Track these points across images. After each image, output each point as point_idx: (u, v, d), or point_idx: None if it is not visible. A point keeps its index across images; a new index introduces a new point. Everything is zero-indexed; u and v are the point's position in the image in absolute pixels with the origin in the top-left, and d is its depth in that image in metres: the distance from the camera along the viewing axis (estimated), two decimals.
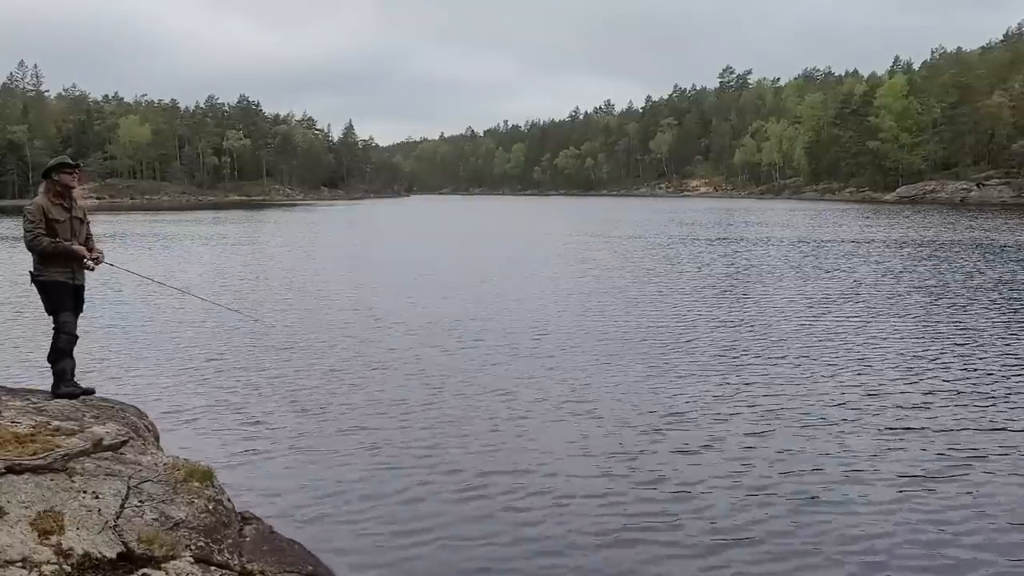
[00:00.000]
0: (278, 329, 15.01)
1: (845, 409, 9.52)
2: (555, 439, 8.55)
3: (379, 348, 13.24)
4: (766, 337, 13.86)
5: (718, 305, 17.68)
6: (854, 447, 8.18)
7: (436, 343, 13.55)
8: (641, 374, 11.27)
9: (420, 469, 7.69)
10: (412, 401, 10.00)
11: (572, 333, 14.40)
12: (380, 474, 7.58)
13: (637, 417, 9.23)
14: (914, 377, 10.95)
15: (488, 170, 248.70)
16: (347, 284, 22.28)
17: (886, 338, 13.70)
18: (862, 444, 8.25)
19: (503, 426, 8.99)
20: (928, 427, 8.79)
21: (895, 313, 16.34)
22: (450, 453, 8.14)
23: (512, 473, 7.55)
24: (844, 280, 21.75)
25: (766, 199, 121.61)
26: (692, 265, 26.36)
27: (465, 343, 13.60)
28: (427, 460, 7.94)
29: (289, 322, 15.90)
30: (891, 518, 6.51)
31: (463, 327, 15.02)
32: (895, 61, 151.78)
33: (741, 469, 7.62)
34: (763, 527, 6.39)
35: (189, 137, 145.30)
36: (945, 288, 19.95)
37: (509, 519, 6.58)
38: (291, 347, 13.37)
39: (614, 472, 7.54)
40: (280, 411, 9.67)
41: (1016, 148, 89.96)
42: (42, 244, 6.61)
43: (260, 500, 6.72)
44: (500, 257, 30.74)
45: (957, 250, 30.32)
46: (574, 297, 19.13)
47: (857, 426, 8.87)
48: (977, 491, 7.03)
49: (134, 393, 9.83)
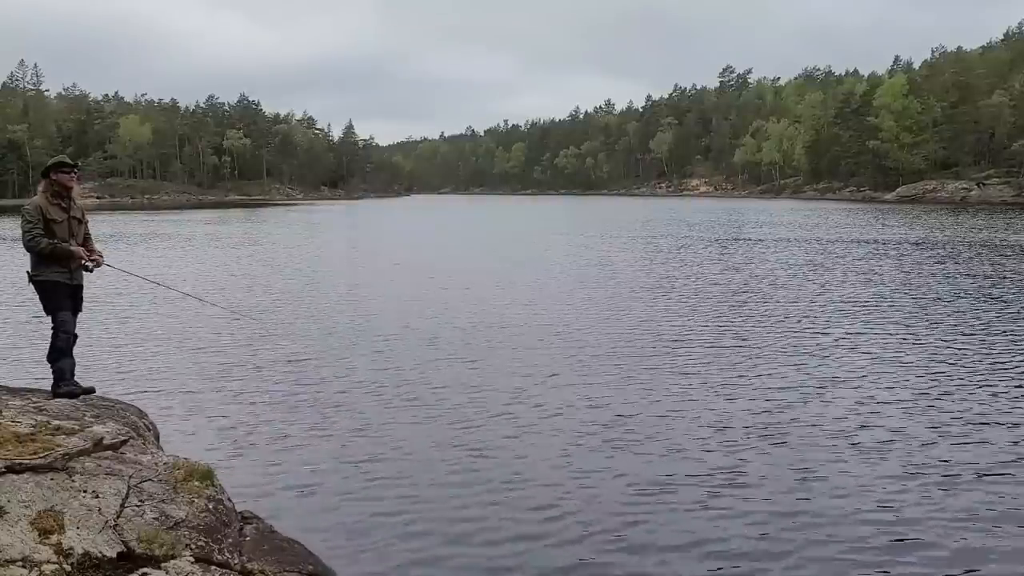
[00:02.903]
0: (279, 329, 15.01)
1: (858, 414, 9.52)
2: (558, 440, 8.53)
3: (382, 349, 13.22)
4: (800, 344, 13.85)
5: (759, 311, 17.59)
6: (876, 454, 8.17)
7: (440, 344, 13.52)
8: (681, 384, 10.74)
9: (421, 469, 7.68)
10: (415, 401, 9.99)
11: (599, 334, 14.39)
12: (381, 473, 7.58)
13: (666, 429, 8.92)
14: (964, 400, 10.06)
15: (488, 170, 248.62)
16: (350, 285, 22.27)
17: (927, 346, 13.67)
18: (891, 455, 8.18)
19: (509, 427, 8.97)
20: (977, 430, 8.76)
21: (934, 319, 16.08)
22: (453, 453, 8.13)
23: (515, 474, 7.54)
24: (870, 282, 21.73)
25: (766, 199, 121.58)
26: (717, 267, 25.95)
27: (476, 345, 13.47)
28: (429, 460, 7.93)
29: (290, 322, 15.90)
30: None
31: (472, 330, 14.96)
32: (895, 60, 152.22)
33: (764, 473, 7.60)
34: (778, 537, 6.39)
35: (189, 137, 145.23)
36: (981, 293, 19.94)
37: (511, 520, 6.56)
38: (292, 347, 13.37)
39: (637, 491, 7.12)
40: (281, 410, 9.67)
41: (1016, 147, 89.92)
42: (40, 245, 6.60)
43: (260, 499, 6.71)
44: (522, 264, 30.40)
45: (979, 251, 30.27)
46: (596, 296, 19.13)
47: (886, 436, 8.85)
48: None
49: (134, 392, 9.84)
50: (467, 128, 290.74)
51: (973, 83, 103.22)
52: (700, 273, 23.89)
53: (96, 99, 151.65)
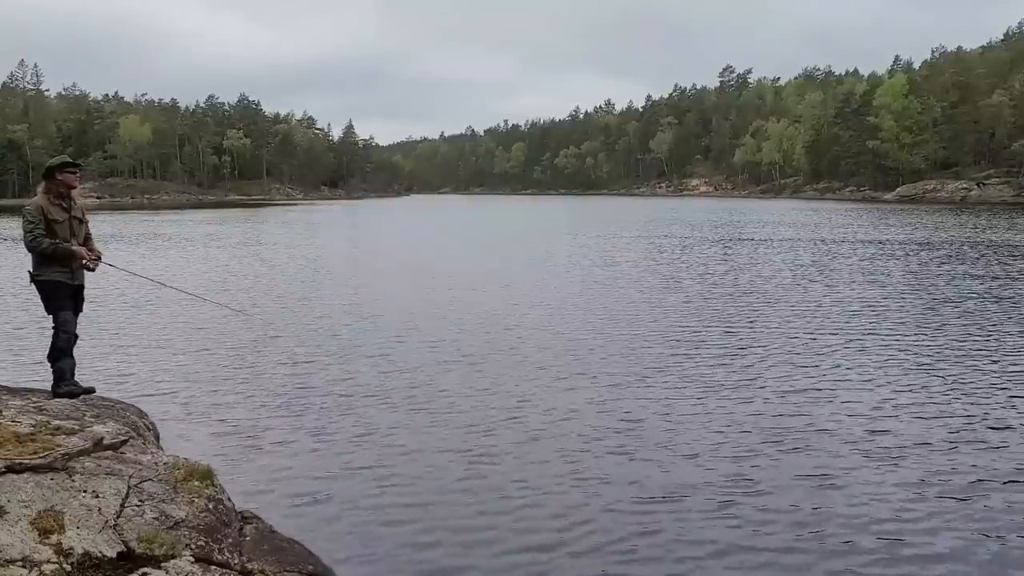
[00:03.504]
0: (280, 329, 15.00)
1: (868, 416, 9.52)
2: (567, 445, 8.46)
3: (385, 351, 13.18)
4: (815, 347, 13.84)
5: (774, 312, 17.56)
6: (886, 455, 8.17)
7: (445, 346, 13.41)
8: (692, 388, 10.56)
9: (422, 468, 7.67)
10: (416, 401, 9.97)
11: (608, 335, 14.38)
12: (383, 475, 7.56)
13: (679, 434, 8.79)
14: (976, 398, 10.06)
15: (488, 170, 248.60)
16: (351, 286, 22.26)
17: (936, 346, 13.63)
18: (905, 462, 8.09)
19: (512, 428, 8.94)
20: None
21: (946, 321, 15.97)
22: (455, 453, 8.10)
23: (517, 475, 7.52)
24: (879, 283, 21.67)
25: (766, 199, 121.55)
26: (723, 267, 25.79)
27: (482, 347, 13.35)
28: (430, 460, 7.91)
29: (291, 323, 15.89)
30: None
31: (478, 332, 14.89)
32: (895, 60, 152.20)
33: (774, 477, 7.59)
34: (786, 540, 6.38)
35: (189, 137, 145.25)
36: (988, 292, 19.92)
37: (513, 521, 6.54)
38: (293, 347, 13.35)
39: (649, 498, 7.01)
40: (281, 410, 9.66)
41: (1016, 147, 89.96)
42: (42, 245, 6.60)
43: (260, 499, 6.70)
44: (525, 264, 30.42)
45: (984, 251, 30.22)
46: (606, 297, 19.13)
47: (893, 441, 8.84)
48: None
49: (134, 392, 9.84)
50: (467, 128, 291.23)
51: (973, 83, 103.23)
52: (707, 274, 23.66)
53: (96, 99, 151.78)
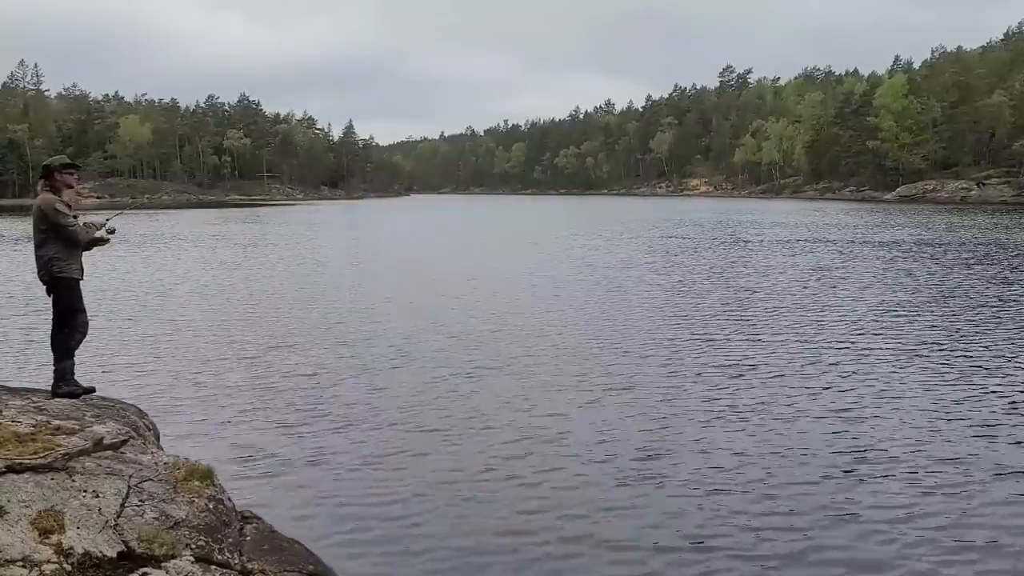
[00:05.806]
0: (280, 330, 15.01)
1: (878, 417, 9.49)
2: (564, 445, 8.49)
3: (383, 349, 13.20)
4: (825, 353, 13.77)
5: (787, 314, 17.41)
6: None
7: (452, 349, 13.33)
8: (710, 396, 10.35)
9: (422, 468, 7.68)
10: (416, 401, 9.98)
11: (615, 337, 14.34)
12: (382, 473, 7.57)
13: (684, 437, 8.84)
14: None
15: (488, 169, 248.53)
16: (353, 286, 22.27)
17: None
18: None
19: (510, 428, 8.94)
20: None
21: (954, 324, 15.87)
22: (454, 454, 8.12)
23: (516, 475, 7.54)
24: (893, 287, 21.53)
25: (766, 199, 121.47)
26: (734, 270, 25.46)
27: (487, 350, 13.23)
28: (430, 460, 7.92)
29: (292, 323, 15.90)
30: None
31: (485, 336, 14.79)
32: (895, 60, 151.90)
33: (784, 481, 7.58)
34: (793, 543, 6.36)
35: (189, 137, 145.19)
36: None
37: (513, 520, 6.55)
38: (293, 347, 13.36)
39: (640, 492, 7.11)
40: (281, 410, 9.67)
41: (1016, 147, 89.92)
42: (82, 236, 6.61)
43: (261, 499, 6.71)
44: (527, 266, 30.26)
45: (989, 251, 30.14)
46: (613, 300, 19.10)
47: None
48: None
49: (134, 392, 9.83)
50: (467, 128, 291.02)
51: (973, 83, 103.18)
52: (720, 276, 23.16)
53: (96, 99, 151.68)
